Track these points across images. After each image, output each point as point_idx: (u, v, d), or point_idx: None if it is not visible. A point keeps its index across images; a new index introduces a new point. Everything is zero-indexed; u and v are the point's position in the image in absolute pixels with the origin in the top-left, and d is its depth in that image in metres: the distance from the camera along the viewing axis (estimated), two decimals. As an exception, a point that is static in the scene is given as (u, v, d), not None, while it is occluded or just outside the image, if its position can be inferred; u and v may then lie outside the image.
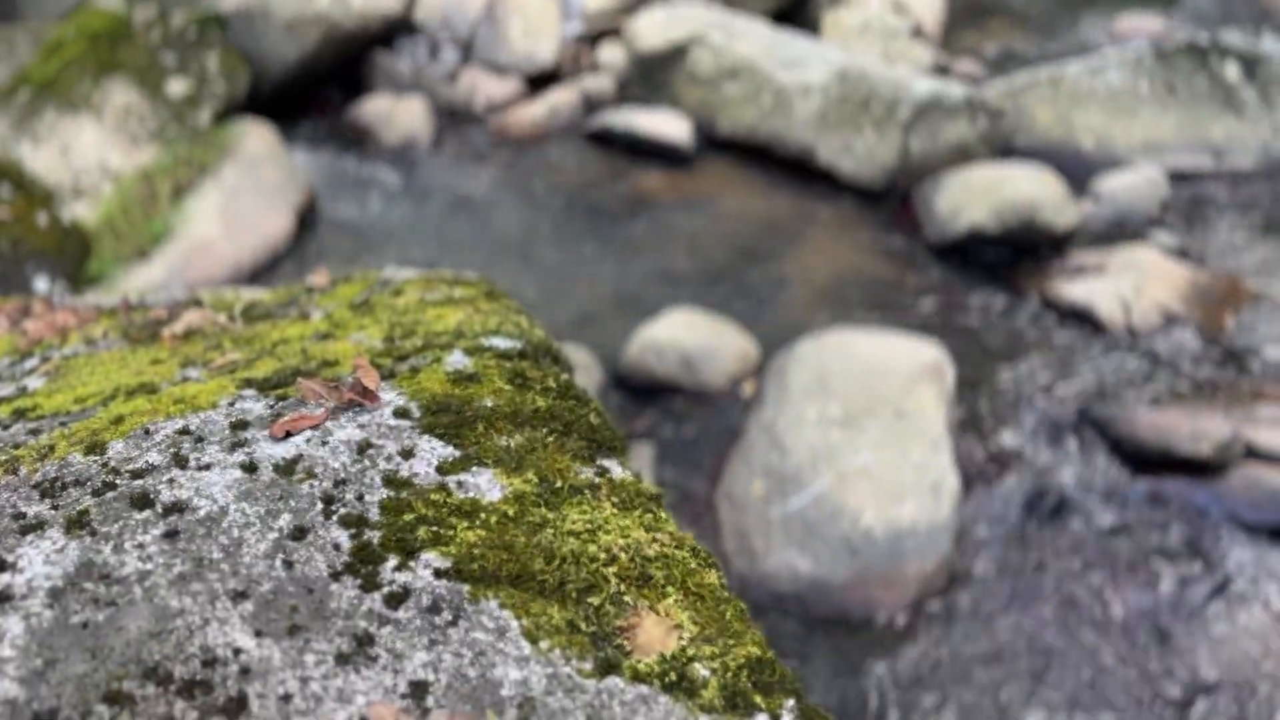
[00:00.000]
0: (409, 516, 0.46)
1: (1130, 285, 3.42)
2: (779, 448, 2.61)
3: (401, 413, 0.53)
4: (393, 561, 0.44)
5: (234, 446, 0.51)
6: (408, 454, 0.50)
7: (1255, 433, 2.79)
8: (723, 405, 2.98)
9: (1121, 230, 3.96)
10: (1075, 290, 3.41)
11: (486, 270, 3.60)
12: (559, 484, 0.49)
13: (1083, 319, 3.35)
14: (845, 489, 2.48)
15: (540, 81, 5.01)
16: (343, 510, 0.46)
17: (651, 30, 4.75)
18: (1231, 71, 4.46)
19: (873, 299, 3.51)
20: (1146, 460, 2.74)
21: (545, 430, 0.53)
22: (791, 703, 0.43)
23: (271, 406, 0.54)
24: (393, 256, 3.62)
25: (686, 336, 3.07)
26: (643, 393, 3.02)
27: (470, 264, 3.61)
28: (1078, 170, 4.37)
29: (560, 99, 4.76)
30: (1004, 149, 4.32)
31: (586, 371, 2.78)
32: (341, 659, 0.40)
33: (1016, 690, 2.18)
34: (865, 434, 2.57)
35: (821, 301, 3.51)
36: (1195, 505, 2.62)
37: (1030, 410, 2.96)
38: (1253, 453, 2.73)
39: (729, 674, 0.42)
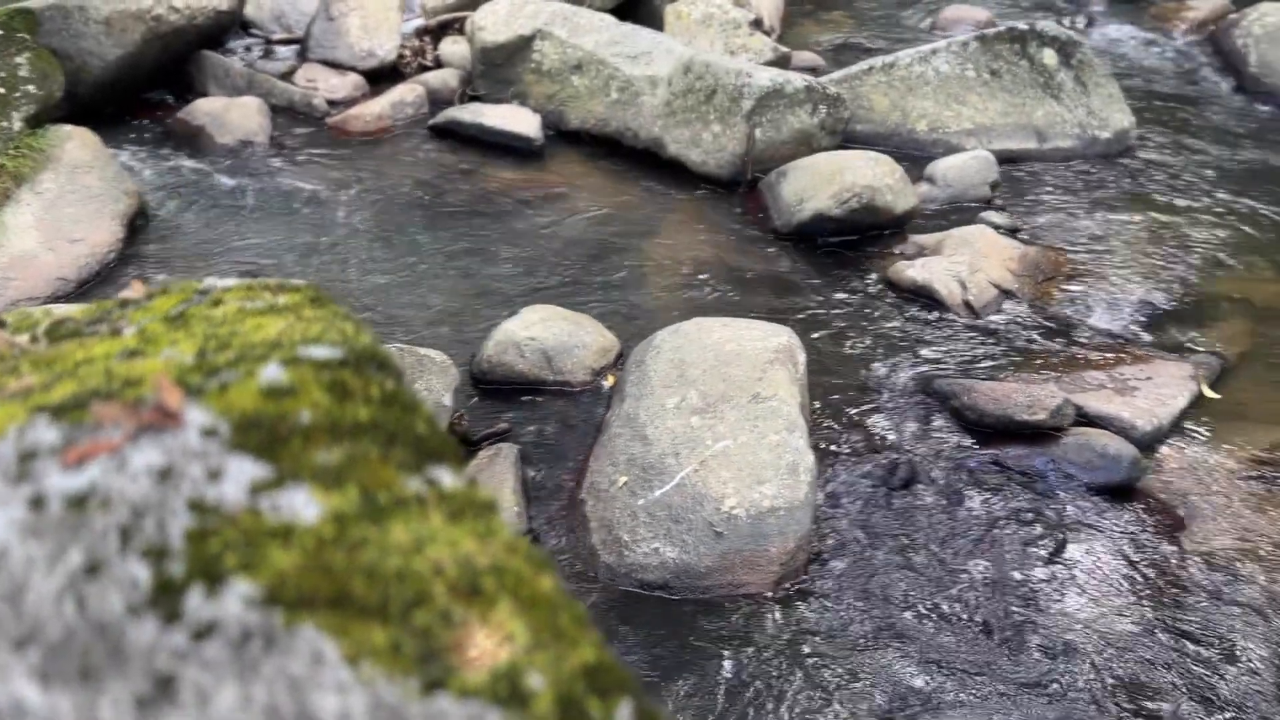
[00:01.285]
0: (216, 543, 0.43)
1: (966, 264, 3.58)
2: (641, 438, 2.62)
3: (209, 432, 0.49)
4: (197, 593, 0.41)
5: (20, 479, 0.47)
6: (215, 476, 0.47)
7: (1085, 398, 2.96)
8: (585, 399, 2.98)
9: (956, 211, 4.14)
10: (915, 270, 3.55)
11: (331, 274, 3.48)
12: (383, 498, 0.47)
13: (923, 297, 3.49)
14: (707, 475, 2.51)
15: (382, 78, 4.89)
16: (142, 541, 0.43)
17: (495, 24, 4.69)
18: (1049, 57, 4.71)
19: (726, 287, 3.57)
20: (988, 429, 2.87)
21: (368, 442, 0.51)
22: (627, 705, 0.42)
23: (65, 433, 0.50)
24: (230, 263, 3.47)
25: (545, 332, 3.05)
26: (504, 391, 2.98)
27: (312, 268, 3.49)
28: (914, 154, 4.54)
29: (403, 95, 4.65)
30: (845, 136, 4.45)
31: (443, 373, 2.72)
32: (141, 703, 0.37)
33: (876, 658, 2.25)
34: (724, 420, 2.61)
35: (677, 291, 3.55)
36: (1034, 469, 2.76)
37: (878, 387, 3.06)
38: (1083, 417, 2.90)
39: (563, 682, 0.41)
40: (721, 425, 2.60)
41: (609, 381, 3.01)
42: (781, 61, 5.05)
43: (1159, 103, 5.52)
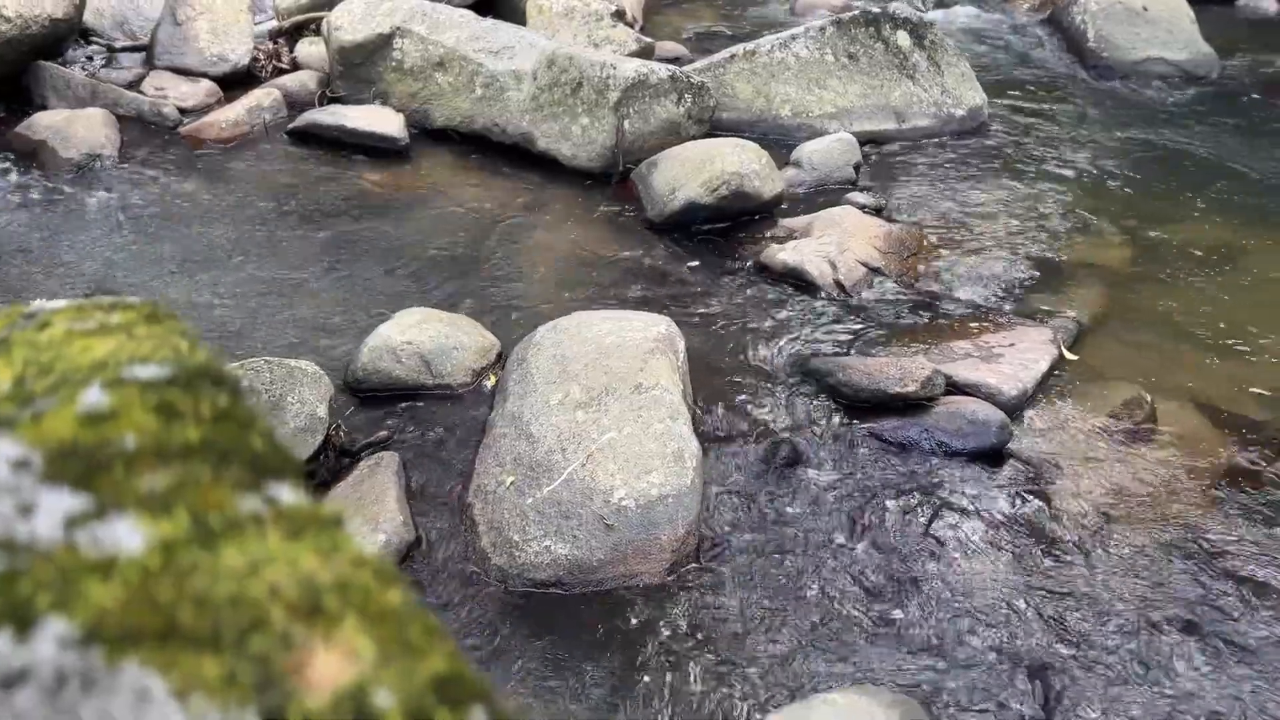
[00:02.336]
0: (27, 584, 0.40)
1: (835, 244, 3.66)
2: (526, 436, 2.60)
3: (19, 465, 0.46)
4: (4, 639, 0.38)
5: None
6: (26, 512, 0.44)
7: (953, 368, 3.06)
8: (467, 401, 2.94)
9: (823, 193, 4.23)
10: (786, 254, 3.61)
11: (189, 290, 3.35)
12: (215, 521, 0.45)
13: (796, 279, 3.56)
14: (595, 468, 2.50)
15: (236, 83, 4.73)
16: (-56, 589, 0.40)
17: (351, 23, 4.58)
18: (903, 39, 4.86)
19: (604, 280, 3.57)
20: (864, 404, 2.94)
21: (199, 463, 0.48)
22: (480, 713, 0.41)
23: None
24: (79, 284, 3.30)
25: (422, 336, 2.99)
26: (382, 399, 2.92)
27: (170, 285, 3.35)
28: (780, 140, 4.63)
29: (260, 100, 4.50)
30: (712, 124, 4.50)
31: (316, 384, 2.64)
32: (-56, 765, 0.34)
33: (770, 635, 2.29)
34: (608, 412, 2.61)
35: (555, 286, 3.53)
36: (909, 439, 2.84)
37: (757, 370, 3.11)
38: (953, 385, 3.00)
39: (413, 696, 0.40)
40: (606, 418, 2.60)
41: (490, 382, 2.97)
42: (645, 52, 5.07)
43: (1008, 80, 5.76)
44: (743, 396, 3.01)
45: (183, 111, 4.50)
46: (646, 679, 2.19)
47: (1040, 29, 6.46)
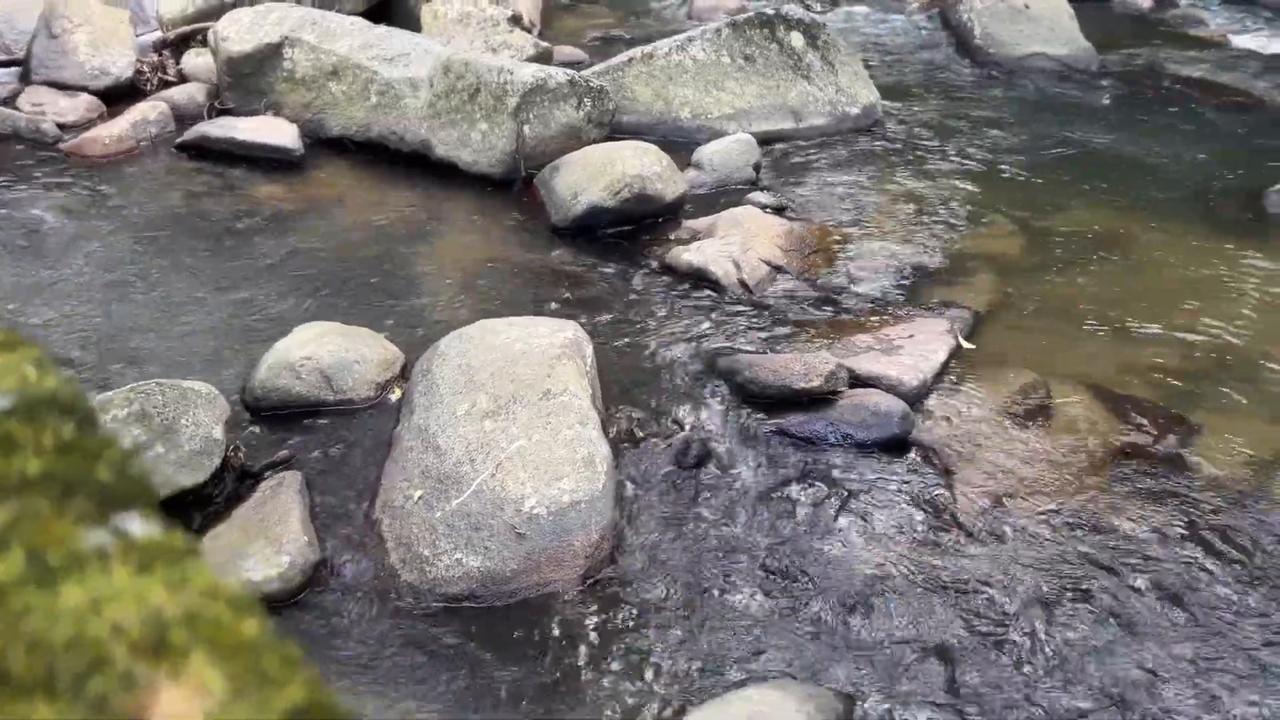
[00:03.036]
0: None
1: (738, 244, 3.70)
2: (434, 449, 2.56)
3: None
4: None
5: None
6: None
7: (856, 361, 3.11)
8: (372, 416, 2.88)
9: (725, 194, 4.27)
10: (691, 254, 3.63)
11: (75, 313, 3.22)
12: (55, 558, 0.43)
13: (701, 280, 3.58)
14: (505, 477, 2.48)
15: (119, 97, 4.57)
16: None
17: (238, 33, 4.46)
18: (797, 40, 4.93)
19: (509, 286, 3.54)
20: (771, 400, 2.97)
21: (39, 497, 0.46)
22: (340, 741, 0.39)
23: None
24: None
25: (321, 350, 2.92)
26: (283, 417, 2.84)
27: (53, 309, 3.22)
28: (681, 141, 4.66)
29: (145, 114, 4.35)
30: (613, 128, 4.50)
31: (211, 405, 2.56)
32: None
33: (686, 635, 2.30)
34: (517, 420, 2.58)
35: (459, 295, 3.48)
36: (815, 433, 2.88)
37: (665, 371, 3.12)
38: (856, 379, 3.05)
39: (268, 729, 0.38)
40: (514, 426, 2.57)
41: (395, 394, 2.92)
42: (544, 57, 5.06)
43: (900, 77, 5.90)
44: (652, 398, 3.01)
45: (63, 127, 4.33)
46: (564, 687, 2.17)
47: (930, 27, 6.64)
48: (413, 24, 5.15)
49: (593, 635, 2.29)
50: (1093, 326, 3.50)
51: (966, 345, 3.33)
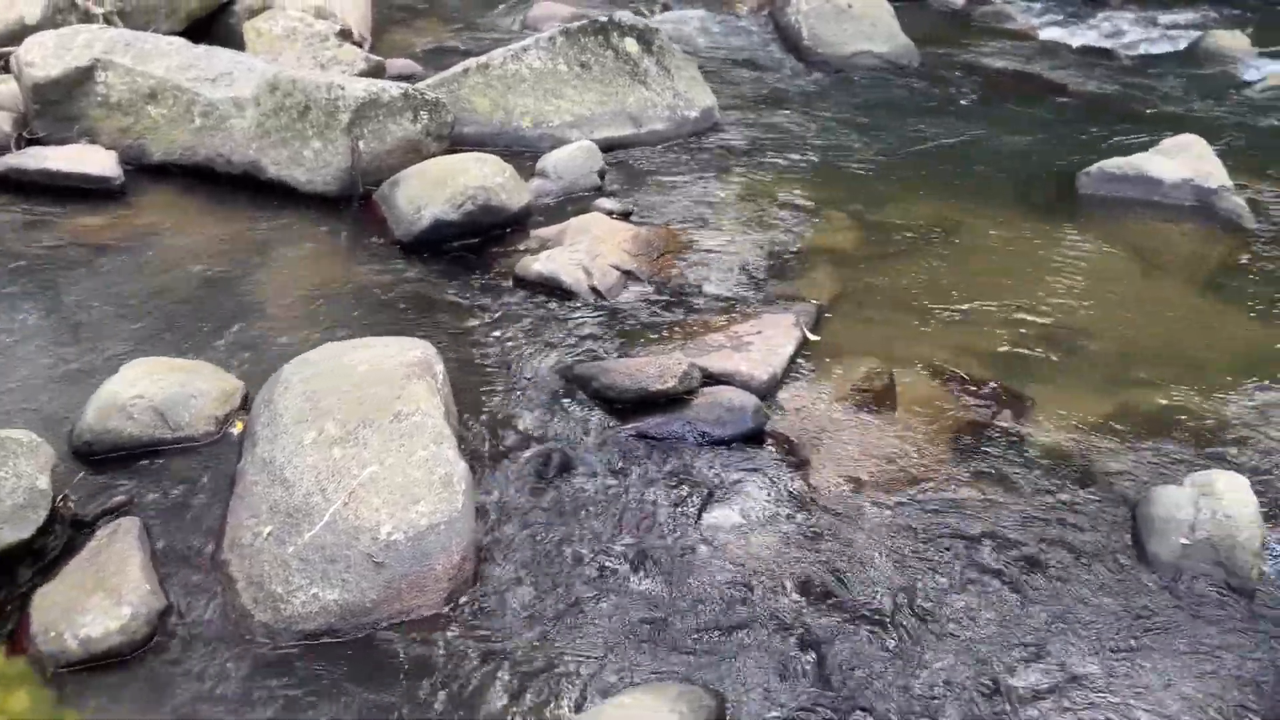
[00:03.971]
0: None
1: (586, 251, 3.70)
2: (281, 481, 2.46)
3: None
4: None
5: None
6: None
7: (708, 360, 3.16)
8: (214, 452, 2.75)
9: (571, 201, 4.27)
10: (540, 264, 3.62)
11: None
12: None
13: (552, 289, 3.57)
14: (359, 505, 2.40)
15: (-90, 129, 4.23)
16: None
17: (44, 57, 4.20)
18: (632, 46, 4.98)
19: (353, 308, 3.44)
20: (628, 404, 2.99)
21: None
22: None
23: None
24: None
25: (154, 388, 2.77)
26: (116, 461, 2.68)
27: None
28: (523, 151, 4.64)
29: (-59, 147, 4.04)
30: (454, 139, 4.44)
31: (33, 454, 2.39)
32: None
33: (556, 648, 2.27)
34: (368, 445, 2.51)
35: (302, 320, 3.36)
36: (673, 434, 2.91)
37: (522, 383, 3.09)
38: (709, 377, 3.09)
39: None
40: (366, 451, 2.50)
41: (237, 428, 2.80)
42: (376, 71, 4.95)
43: (735, 79, 6.03)
44: (509, 411, 2.98)
45: None
46: (434, 713, 2.12)
47: (760, 29, 6.81)
48: (235, 42, 4.96)
49: (461, 659, 2.24)
50: (929, 311, 3.66)
51: (812, 337, 3.43)
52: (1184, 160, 4.65)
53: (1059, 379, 3.28)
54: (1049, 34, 7.67)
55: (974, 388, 3.22)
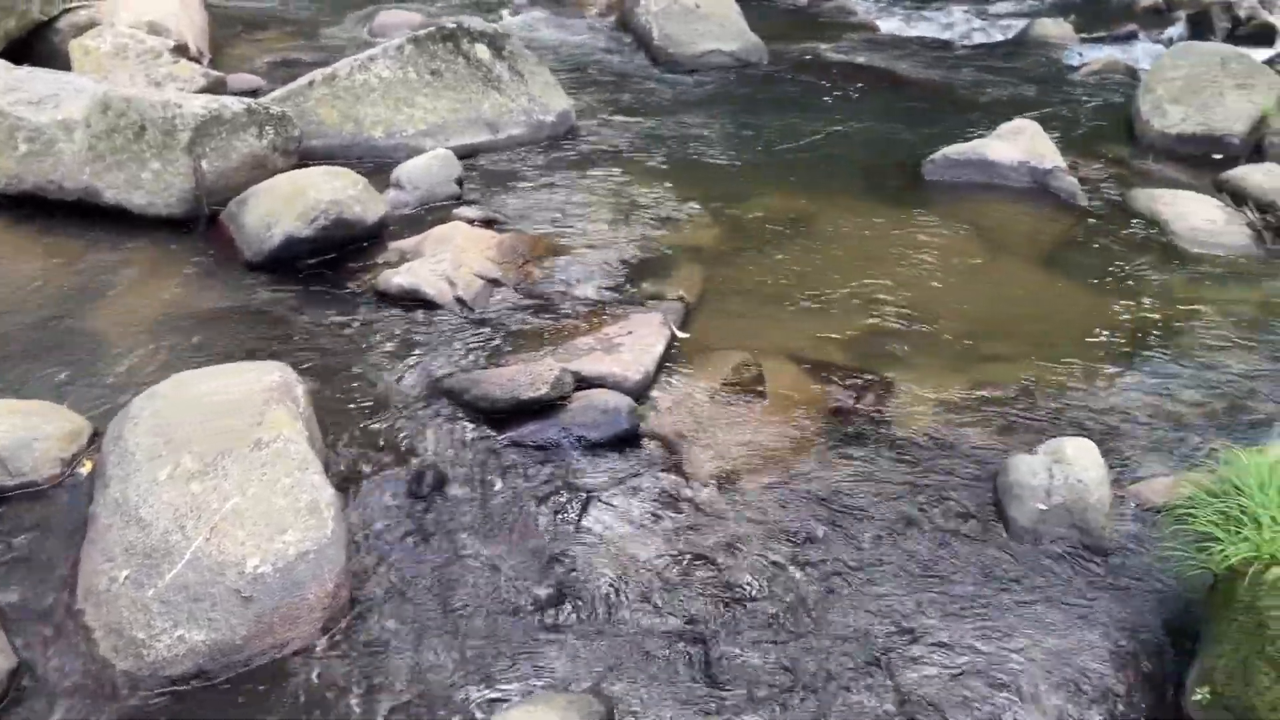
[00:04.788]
0: None
1: (449, 261, 3.64)
2: (137, 522, 2.34)
3: None
4: None
5: None
6: None
7: (580, 364, 3.15)
8: (61, 496, 2.59)
9: (430, 211, 4.20)
10: (401, 277, 3.54)
11: None
12: None
13: (415, 301, 3.50)
14: (222, 540, 2.30)
15: None
16: None
17: None
18: (483, 52, 4.92)
19: (205, 334, 3.29)
20: (502, 414, 2.95)
21: None
22: None
23: None
24: None
25: (-10, 432, 2.59)
26: (-49, 514, 2.50)
27: None
28: (378, 162, 4.54)
29: None
30: (303, 154, 4.31)
31: None
32: None
33: (441, 669, 2.23)
34: (228, 477, 2.41)
35: (150, 351, 3.20)
36: (550, 440, 2.89)
37: (390, 400, 3.02)
38: (582, 381, 3.08)
39: None
40: (227, 483, 2.39)
41: (86, 468, 2.64)
42: (216, 87, 4.76)
43: (590, 81, 6.04)
44: (379, 430, 2.90)
45: None
46: (317, 749, 2.05)
47: (611, 30, 6.84)
48: (60, 62, 4.69)
49: (341, 689, 2.18)
50: (791, 301, 3.74)
51: (681, 335, 3.46)
52: (1019, 144, 4.89)
53: (916, 359, 3.40)
54: (889, 26, 7.95)
55: (838, 372, 3.30)
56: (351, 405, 2.99)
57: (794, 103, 6.00)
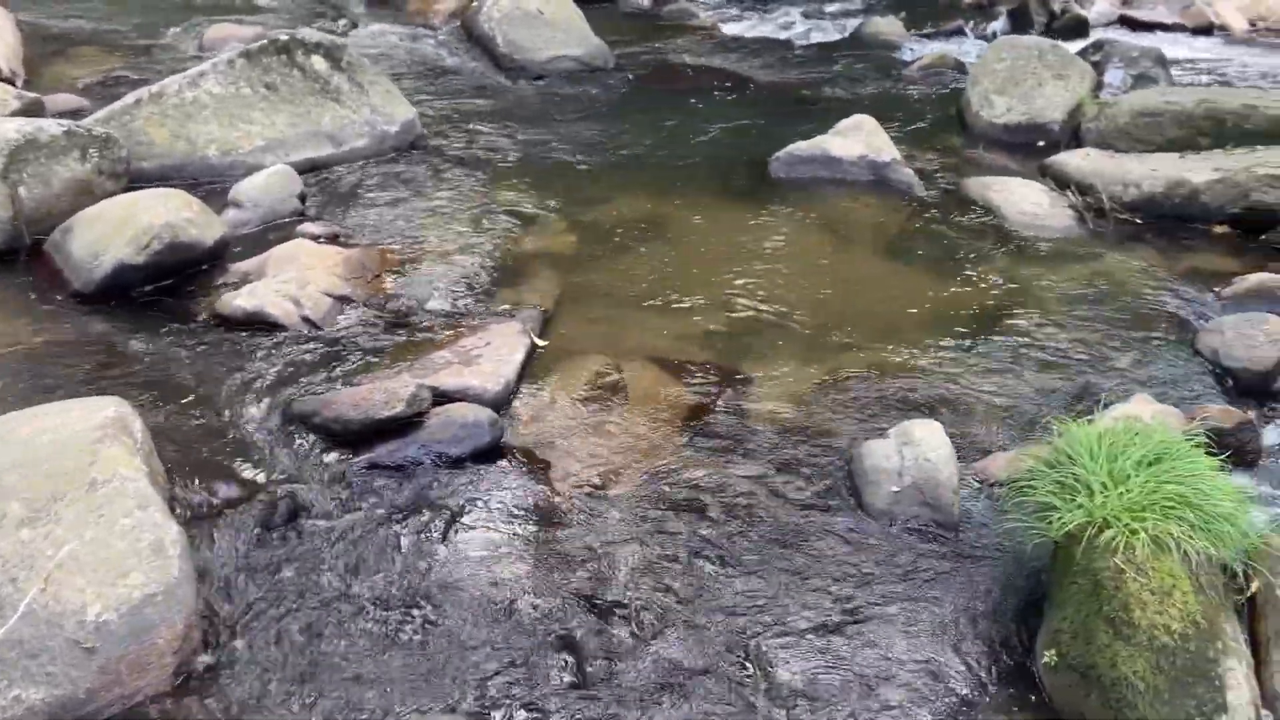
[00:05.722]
0: None
1: (294, 280, 3.52)
2: (-38, 578, 2.17)
3: None
4: None
5: None
6: None
7: (437, 378, 3.09)
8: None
9: (273, 230, 4.06)
10: (243, 299, 3.41)
11: None
12: None
13: (260, 324, 3.37)
14: (59, 589, 2.16)
15: None
16: None
17: None
18: (320, 64, 4.79)
19: (30, 373, 3.08)
20: (358, 435, 2.87)
21: None
22: None
23: None
24: None
25: None
26: None
27: None
28: (215, 181, 4.36)
29: None
30: (133, 176, 4.10)
31: None
32: None
33: (303, 707, 2.15)
34: (62, 521, 2.26)
35: (-29, 393, 2.99)
36: (410, 459, 2.83)
37: (238, 429, 2.90)
38: (440, 396, 3.03)
39: None
40: (60, 528, 2.25)
41: (-100, 525, 2.44)
42: (33, 109, 4.48)
43: (435, 90, 5.95)
44: (226, 462, 2.78)
45: None
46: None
47: (454, 38, 6.75)
48: None
49: (200, 734, 2.08)
50: (648, 303, 3.77)
51: (540, 343, 3.44)
52: (858, 138, 5.06)
53: (772, 352, 3.47)
54: (731, 29, 8.12)
55: (697, 370, 3.35)
56: (196, 437, 2.86)
57: (642, 106, 6.05)
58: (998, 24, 8.31)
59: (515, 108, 5.83)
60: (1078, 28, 8.20)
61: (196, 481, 2.69)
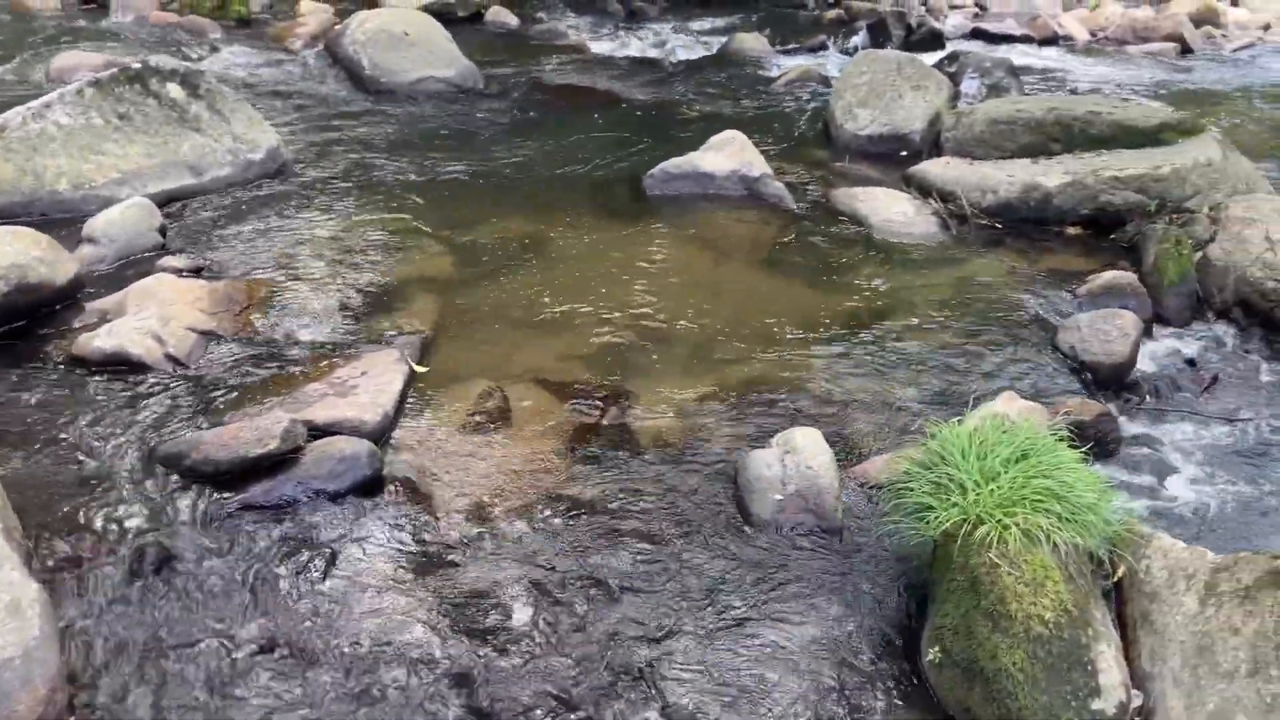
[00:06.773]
0: None
1: (155, 317, 3.38)
2: None
3: None
4: None
5: None
6: None
7: (312, 412, 3.00)
8: None
9: (131, 265, 3.89)
10: (101, 339, 3.25)
11: None
12: None
13: (121, 364, 3.22)
14: (-96, 663, 2.01)
15: None
16: None
17: None
18: (175, 91, 4.62)
19: None
20: (229, 475, 2.76)
21: None
22: None
23: None
24: None
25: None
26: None
27: None
28: (68, 217, 4.16)
29: None
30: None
31: None
32: None
33: (181, 765, 2.05)
34: (-95, 589, 2.11)
35: None
36: (286, 497, 2.73)
37: (99, 478, 2.75)
38: (316, 430, 2.94)
39: None
40: (-99, 596, 2.09)
41: None
42: None
43: (299, 116, 5.81)
44: (89, 512, 2.64)
45: None
46: None
47: (318, 63, 6.61)
48: None
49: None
50: (529, 325, 3.74)
51: (420, 369, 3.38)
52: (729, 153, 5.14)
53: (654, 368, 3.49)
54: (599, 48, 8.18)
55: (581, 390, 3.34)
56: (54, 487, 2.71)
57: (514, 126, 6.03)
58: (858, 38, 8.60)
59: (384, 131, 5.74)
60: (934, 41, 8.55)
61: (56, 534, 2.54)
